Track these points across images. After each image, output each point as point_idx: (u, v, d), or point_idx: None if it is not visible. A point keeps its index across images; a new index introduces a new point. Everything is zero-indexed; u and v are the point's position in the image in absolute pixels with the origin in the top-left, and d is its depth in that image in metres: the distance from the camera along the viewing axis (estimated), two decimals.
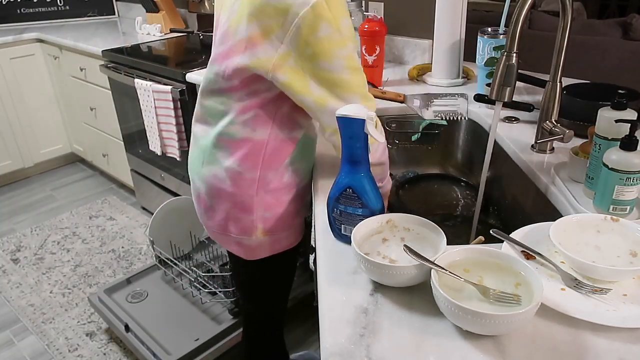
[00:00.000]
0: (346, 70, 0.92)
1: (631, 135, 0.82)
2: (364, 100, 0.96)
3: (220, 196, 1.09)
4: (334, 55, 0.90)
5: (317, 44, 0.89)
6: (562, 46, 1.06)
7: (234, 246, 1.16)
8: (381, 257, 0.76)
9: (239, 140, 1.04)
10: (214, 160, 1.08)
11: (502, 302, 0.65)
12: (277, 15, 0.89)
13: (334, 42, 0.89)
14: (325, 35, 0.88)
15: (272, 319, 1.35)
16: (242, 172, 1.05)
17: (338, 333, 0.66)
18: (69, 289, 2.27)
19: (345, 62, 0.91)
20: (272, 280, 1.26)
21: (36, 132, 3.20)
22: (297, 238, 1.19)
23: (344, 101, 0.95)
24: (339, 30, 0.88)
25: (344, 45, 0.90)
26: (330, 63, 0.91)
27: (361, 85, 0.97)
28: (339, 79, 0.92)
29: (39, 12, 3.31)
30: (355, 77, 0.94)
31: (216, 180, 1.08)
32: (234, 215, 1.10)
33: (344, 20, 0.90)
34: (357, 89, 0.95)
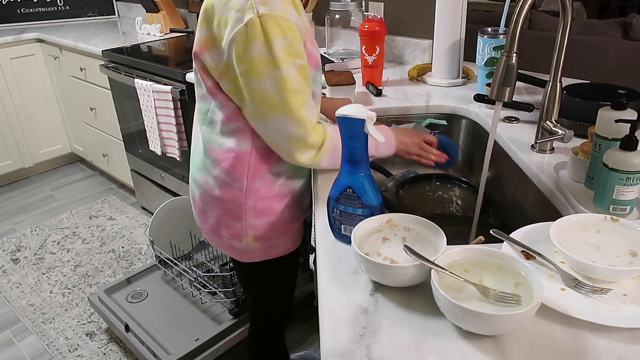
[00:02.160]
0: (277, 91, 0.90)
1: (631, 135, 0.82)
2: (297, 124, 0.94)
3: (211, 202, 1.11)
4: (265, 75, 0.89)
5: (248, 62, 0.88)
6: (562, 46, 1.06)
7: (227, 249, 1.17)
8: (381, 258, 0.76)
9: (224, 150, 1.05)
10: (205, 168, 1.10)
11: (502, 302, 0.65)
12: (221, 26, 0.91)
13: (265, 62, 0.88)
14: (257, 55, 0.87)
15: (272, 319, 1.35)
16: (230, 182, 1.07)
17: (338, 333, 0.66)
18: (69, 289, 2.27)
19: (276, 83, 0.89)
20: (271, 283, 1.26)
21: (36, 132, 3.20)
22: (295, 244, 1.19)
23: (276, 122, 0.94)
24: (270, 51, 0.87)
25: (276, 67, 0.88)
26: (261, 82, 0.90)
27: (295, 107, 0.93)
28: (269, 98, 0.91)
29: (39, 12, 3.31)
30: (288, 98, 0.91)
31: (207, 187, 1.10)
32: (225, 221, 1.11)
33: (278, 42, 0.87)
34: (289, 112, 0.93)
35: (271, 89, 0.90)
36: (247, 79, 0.91)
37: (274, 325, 1.37)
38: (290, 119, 0.94)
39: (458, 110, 1.49)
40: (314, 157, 1.00)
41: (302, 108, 0.94)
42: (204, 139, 1.08)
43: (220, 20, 0.90)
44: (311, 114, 0.97)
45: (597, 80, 1.40)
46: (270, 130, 0.97)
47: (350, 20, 1.92)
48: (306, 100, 0.95)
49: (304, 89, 0.94)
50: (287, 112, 0.93)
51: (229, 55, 0.91)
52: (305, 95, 0.95)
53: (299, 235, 1.19)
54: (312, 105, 0.97)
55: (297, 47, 0.90)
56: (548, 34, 2.97)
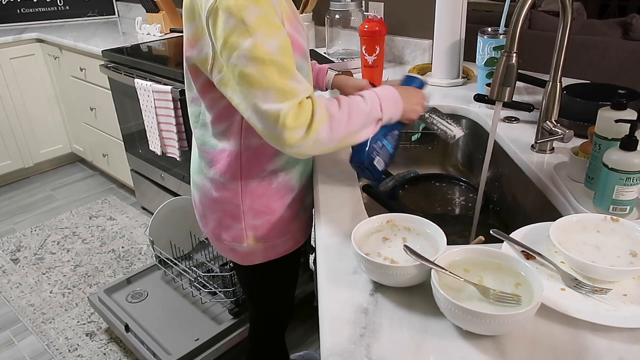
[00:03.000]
0: (251, 62, 0.83)
1: (631, 135, 0.82)
2: (280, 95, 0.84)
3: (210, 205, 1.11)
4: (238, 47, 0.83)
5: (222, 37, 0.84)
6: (562, 46, 1.06)
7: (228, 252, 1.16)
8: (381, 258, 0.76)
9: (217, 151, 1.04)
10: (201, 171, 1.10)
11: (502, 302, 0.65)
12: (199, 14, 0.89)
13: (236, 33, 0.83)
14: (228, 27, 0.83)
15: (271, 320, 1.35)
16: (225, 183, 1.06)
17: (338, 333, 0.66)
18: (69, 289, 2.27)
19: (250, 53, 0.83)
20: (271, 284, 1.25)
21: (36, 132, 3.20)
22: (297, 243, 1.18)
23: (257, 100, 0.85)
24: (242, 21, 0.82)
25: (249, 35, 0.82)
26: (238, 57, 0.84)
27: (273, 78, 0.84)
28: (245, 73, 0.84)
29: (39, 12, 3.31)
30: (265, 69, 0.84)
31: (205, 190, 1.10)
32: (225, 223, 1.10)
33: (251, 11, 0.83)
34: (268, 83, 0.84)
35: (245, 62, 0.84)
36: (226, 56, 0.86)
37: (273, 326, 1.36)
38: (268, 94, 0.84)
39: (458, 110, 1.48)
40: (306, 136, 0.86)
41: (284, 79, 0.85)
42: (198, 142, 1.08)
43: (198, 9, 0.89)
44: (296, 86, 0.86)
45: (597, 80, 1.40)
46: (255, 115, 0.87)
47: (350, 20, 1.92)
48: (289, 74, 0.85)
49: (285, 61, 0.85)
50: (265, 85, 0.84)
51: (210, 37, 0.88)
52: (288, 67, 0.86)
53: (301, 234, 1.18)
54: (299, 79, 0.87)
55: (273, 19, 0.85)
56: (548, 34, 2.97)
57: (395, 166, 1.50)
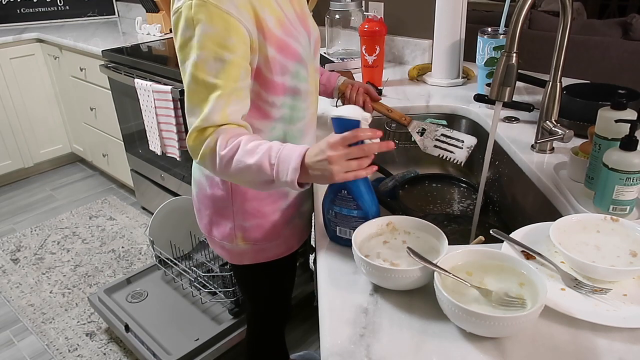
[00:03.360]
0: (189, 76, 0.87)
1: (631, 135, 0.82)
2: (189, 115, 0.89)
3: (204, 201, 1.12)
4: (186, 57, 0.88)
5: (178, 43, 0.89)
6: (562, 46, 1.06)
7: (218, 249, 1.17)
8: (382, 260, 0.76)
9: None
10: (197, 167, 1.12)
11: (505, 305, 0.65)
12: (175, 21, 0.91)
13: (188, 44, 0.87)
14: (183, 37, 0.87)
15: (269, 320, 1.35)
16: (218, 182, 1.07)
17: (338, 333, 0.66)
18: (69, 289, 2.27)
19: (191, 68, 0.86)
20: (262, 286, 1.25)
21: (36, 132, 3.20)
22: (290, 248, 1.17)
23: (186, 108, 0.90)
24: (194, 35, 0.85)
25: (194, 51, 0.86)
26: (185, 66, 0.88)
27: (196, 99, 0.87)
28: (185, 82, 0.89)
29: (39, 12, 3.31)
30: (195, 88, 0.87)
31: (201, 185, 1.12)
32: (215, 220, 1.12)
33: (204, 27, 0.84)
34: (191, 100, 0.88)
35: (188, 74, 0.88)
36: (179, 61, 0.90)
37: (270, 325, 1.36)
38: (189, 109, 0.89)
39: (458, 110, 1.49)
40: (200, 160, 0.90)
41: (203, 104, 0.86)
42: None
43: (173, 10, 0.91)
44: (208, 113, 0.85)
45: (597, 80, 1.40)
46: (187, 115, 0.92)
47: (350, 20, 1.92)
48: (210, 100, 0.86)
49: (222, 86, 0.85)
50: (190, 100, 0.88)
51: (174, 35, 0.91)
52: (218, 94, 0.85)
53: (294, 241, 1.17)
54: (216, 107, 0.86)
55: (226, 39, 0.85)
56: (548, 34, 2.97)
57: (395, 166, 1.50)
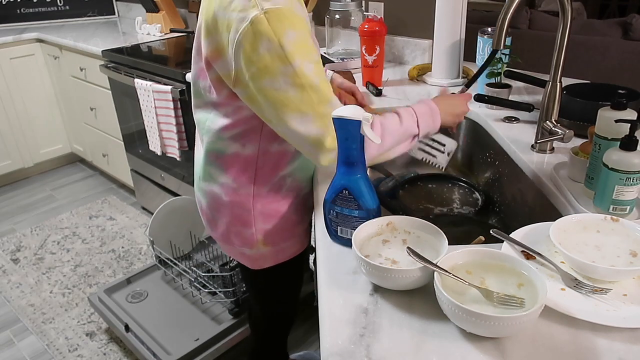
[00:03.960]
0: (292, 87, 0.85)
1: (631, 135, 0.82)
2: (314, 123, 0.87)
3: (220, 210, 1.09)
4: (277, 72, 0.84)
5: (259, 61, 0.84)
6: (562, 46, 1.06)
7: (239, 256, 1.15)
8: (382, 260, 0.76)
9: (229, 155, 1.02)
10: (209, 177, 1.08)
11: (505, 304, 0.65)
12: (224, 32, 0.87)
13: (275, 58, 0.83)
14: (266, 52, 0.83)
15: (278, 322, 1.34)
16: (237, 188, 1.05)
17: (338, 333, 0.66)
18: (69, 289, 2.27)
19: (290, 79, 0.84)
20: (279, 287, 1.25)
21: (36, 132, 3.20)
22: (303, 246, 1.18)
23: (294, 123, 0.87)
24: (281, 46, 0.83)
25: (288, 62, 0.83)
26: (274, 80, 0.85)
27: (312, 103, 0.87)
28: (285, 97, 0.86)
29: (39, 12, 3.31)
30: (304, 95, 0.86)
31: (214, 196, 1.09)
32: (235, 228, 1.09)
33: (288, 35, 0.83)
34: (307, 108, 0.87)
35: (285, 87, 0.85)
36: (258, 80, 0.86)
37: (279, 327, 1.36)
38: (307, 118, 0.87)
39: None
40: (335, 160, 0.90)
41: (322, 105, 0.87)
42: (207, 148, 1.05)
43: (222, 25, 0.87)
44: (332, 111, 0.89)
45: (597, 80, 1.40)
46: (291, 133, 0.90)
47: (350, 20, 1.92)
48: (327, 98, 0.88)
49: (322, 85, 0.87)
50: (304, 110, 0.87)
51: (237, 60, 0.86)
52: (325, 93, 0.88)
53: (305, 237, 1.18)
54: (334, 103, 0.89)
55: (308, 41, 0.86)
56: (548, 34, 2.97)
57: (395, 166, 1.50)
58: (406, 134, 1.01)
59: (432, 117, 1.04)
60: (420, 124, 1.02)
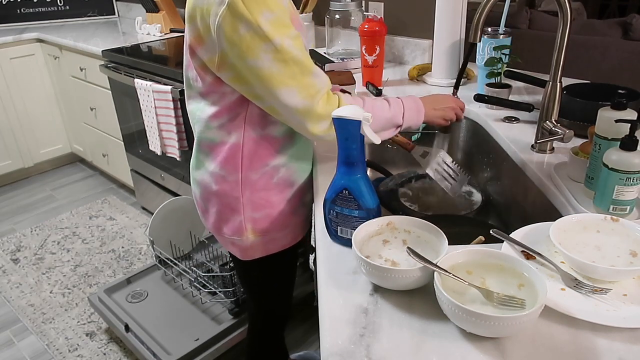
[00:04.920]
0: (275, 63, 0.89)
1: (631, 135, 0.82)
2: (301, 93, 0.92)
3: (210, 199, 1.12)
4: (259, 51, 0.88)
5: (240, 42, 0.88)
6: (562, 46, 1.06)
7: (230, 246, 1.17)
8: (382, 260, 0.76)
9: (217, 144, 1.05)
10: (201, 165, 1.11)
11: (505, 305, 0.65)
12: (204, 17, 0.91)
13: (256, 38, 0.87)
14: (246, 32, 0.87)
15: (272, 317, 1.35)
16: (225, 175, 1.07)
17: (338, 333, 0.66)
18: (69, 289, 2.27)
19: (272, 55, 0.88)
20: (271, 280, 1.26)
21: (36, 132, 3.20)
22: (296, 237, 1.19)
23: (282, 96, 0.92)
24: (259, 26, 0.86)
25: (268, 40, 0.87)
26: (257, 59, 0.89)
27: (296, 75, 0.91)
28: (269, 73, 0.90)
29: (39, 12, 3.31)
30: (287, 69, 0.90)
31: (205, 184, 1.11)
32: (224, 216, 1.12)
33: (265, 14, 0.87)
34: (291, 81, 0.91)
35: (268, 64, 0.89)
36: (242, 60, 0.90)
37: (272, 323, 1.37)
38: (293, 90, 0.91)
39: None
40: (329, 128, 0.97)
41: (305, 76, 0.92)
42: (197, 137, 1.09)
43: (201, 11, 0.91)
44: (316, 81, 0.93)
45: (597, 80, 1.40)
46: (279, 106, 0.95)
47: (350, 20, 1.92)
48: (309, 69, 0.92)
49: (303, 58, 0.92)
50: (289, 84, 0.91)
51: (219, 43, 0.90)
52: (306, 64, 0.92)
53: (299, 230, 1.19)
54: (317, 73, 0.94)
55: (285, 20, 0.90)
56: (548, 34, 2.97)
57: (395, 166, 1.50)
58: (391, 122, 1.06)
59: (417, 113, 1.10)
60: (406, 117, 1.08)
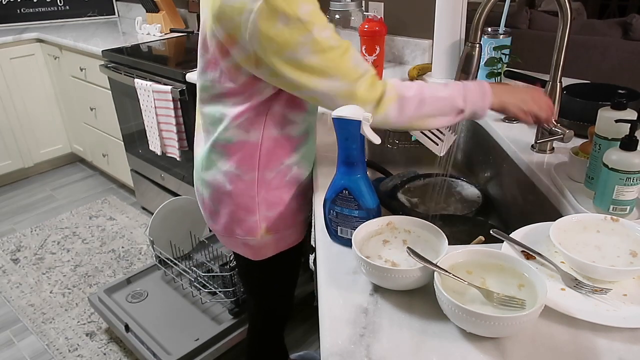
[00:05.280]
0: (314, 54, 0.87)
1: (631, 135, 0.82)
2: (341, 79, 0.90)
3: (223, 199, 1.10)
4: (298, 43, 0.86)
5: (278, 36, 0.86)
6: (562, 46, 1.06)
7: (241, 247, 1.16)
8: (382, 260, 0.76)
9: (234, 143, 1.04)
10: (212, 165, 1.09)
11: (505, 305, 0.65)
12: (236, 15, 0.87)
13: (295, 30, 0.85)
14: (284, 26, 0.85)
15: (273, 317, 1.35)
16: (241, 175, 1.06)
17: (338, 333, 0.66)
18: (69, 289, 2.27)
19: (310, 46, 0.87)
20: (275, 279, 1.26)
21: (36, 132, 3.20)
22: (300, 236, 1.19)
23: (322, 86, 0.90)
24: (298, 18, 0.85)
25: (306, 31, 0.86)
26: (296, 52, 0.87)
27: (335, 61, 0.89)
28: (309, 65, 0.88)
29: (39, 12, 3.31)
30: (326, 58, 0.89)
31: (217, 184, 1.09)
32: (238, 216, 1.10)
33: (303, 6, 0.85)
34: (331, 70, 0.89)
35: (308, 56, 0.87)
36: (280, 55, 0.87)
37: (273, 322, 1.37)
38: (334, 78, 0.90)
39: None
40: (375, 111, 0.92)
41: (344, 60, 0.90)
42: (215, 139, 1.05)
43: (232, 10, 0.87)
44: (358, 66, 0.91)
45: (597, 80, 1.40)
46: (320, 96, 0.92)
47: (350, 20, 1.92)
48: (348, 53, 0.91)
49: (341, 43, 0.90)
50: (329, 72, 0.89)
51: (254, 40, 0.87)
52: (345, 49, 0.90)
53: (303, 227, 1.19)
54: (357, 58, 0.92)
55: (319, 10, 0.89)
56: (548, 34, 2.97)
57: (395, 166, 1.50)
58: (450, 105, 0.95)
59: (483, 97, 0.97)
60: (468, 100, 0.95)
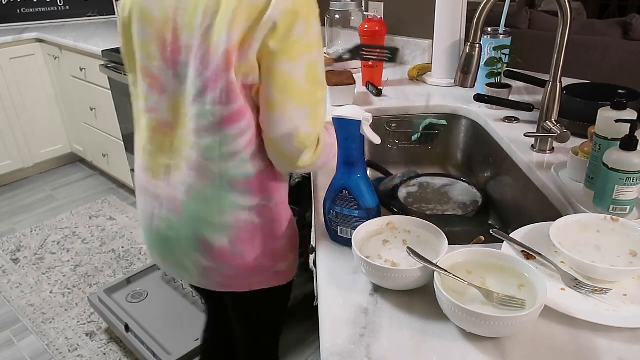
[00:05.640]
0: (307, 79, 0.84)
1: (631, 135, 0.82)
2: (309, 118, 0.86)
3: (254, 237, 0.98)
4: (299, 58, 0.83)
5: (288, 41, 0.82)
6: (562, 46, 1.06)
7: (271, 279, 1.05)
8: (382, 260, 0.76)
9: (255, 177, 0.94)
10: (233, 206, 0.95)
11: (505, 305, 0.65)
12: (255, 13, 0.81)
13: (303, 44, 0.82)
14: (298, 35, 0.82)
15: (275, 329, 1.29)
16: (266, 203, 0.97)
17: (338, 333, 0.66)
18: (69, 289, 2.27)
19: (308, 69, 0.84)
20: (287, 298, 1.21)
21: (36, 132, 3.20)
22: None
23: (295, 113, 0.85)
24: (310, 33, 0.83)
25: (310, 51, 0.83)
26: (293, 66, 0.83)
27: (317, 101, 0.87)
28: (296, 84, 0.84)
29: (39, 12, 3.31)
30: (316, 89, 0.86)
31: (244, 224, 0.97)
32: (268, 247, 1.01)
33: (316, 25, 0.83)
34: (311, 104, 0.86)
35: (301, 75, 0.84)
36: (279, 59, 0.82)
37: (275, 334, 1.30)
38: (309, 112, 0.86)
39: (458, 110, 1.49)
40: (313, 156, 0.91)
41: (320, 105, 0.88)
42: (229, 177, 0.92)
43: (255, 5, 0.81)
44: (325, 112, 0.90)
45: (597, 80, 1.40)
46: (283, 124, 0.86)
47: (350, 20, 1.92)
48: (325, 99, 0.89)
49: (325, 86, 0.89)
50: (308, 104, 0.86)
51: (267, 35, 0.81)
52: (325, 94, 0.89)
53: None
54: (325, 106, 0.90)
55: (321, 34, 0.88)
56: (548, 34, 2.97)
57: (395, 166, 1.50)
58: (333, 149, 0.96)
59: None
60: None
